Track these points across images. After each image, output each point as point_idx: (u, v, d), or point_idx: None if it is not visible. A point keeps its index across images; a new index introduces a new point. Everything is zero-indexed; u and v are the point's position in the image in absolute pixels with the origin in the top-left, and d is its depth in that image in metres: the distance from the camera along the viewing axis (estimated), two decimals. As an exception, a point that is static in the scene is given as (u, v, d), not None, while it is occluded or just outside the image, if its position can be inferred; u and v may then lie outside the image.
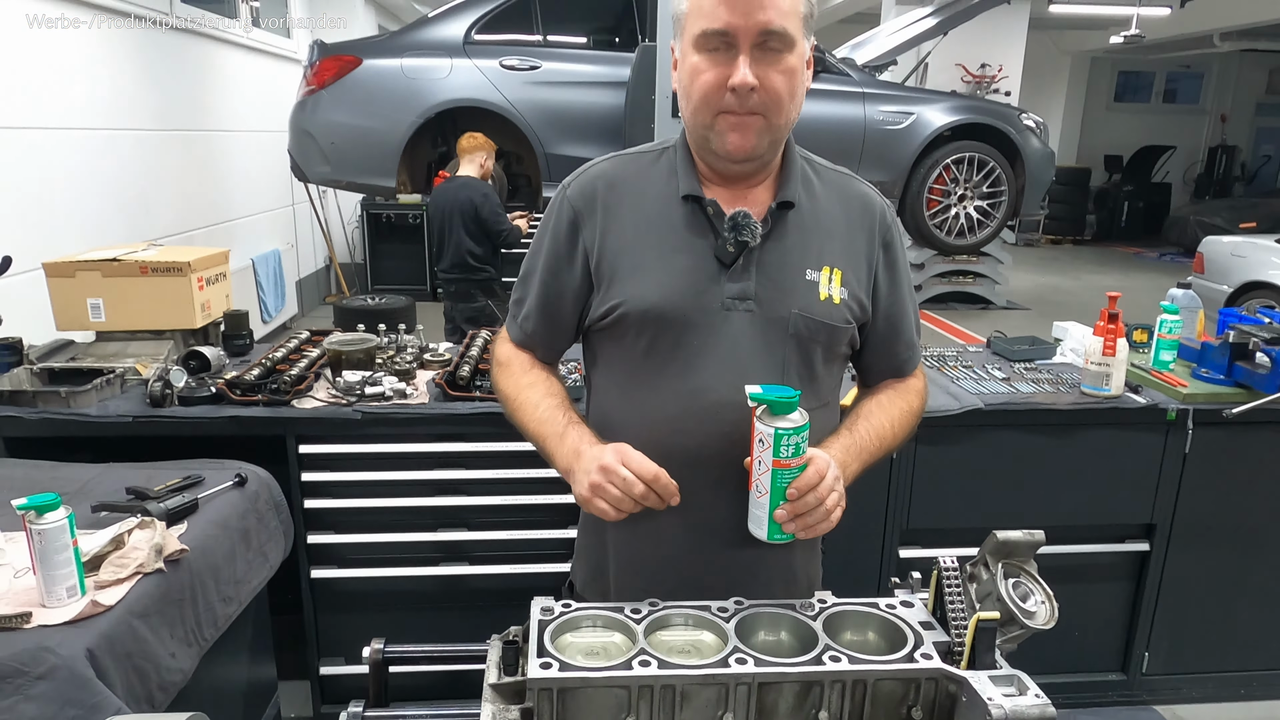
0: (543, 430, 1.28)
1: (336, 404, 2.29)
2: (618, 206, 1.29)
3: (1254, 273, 6.57)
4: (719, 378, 1.23)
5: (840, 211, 1.32)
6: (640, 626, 1.04)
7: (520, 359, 1.39)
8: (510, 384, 1.37)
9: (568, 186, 1.34)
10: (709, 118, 1.21)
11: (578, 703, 0.96)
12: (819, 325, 1.26)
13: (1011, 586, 1.06)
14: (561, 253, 1.31)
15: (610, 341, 1.30)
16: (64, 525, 1.46)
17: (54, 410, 2.20)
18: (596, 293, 1.29)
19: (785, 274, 1.26)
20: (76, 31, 4.27)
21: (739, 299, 1.24)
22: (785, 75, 1.19)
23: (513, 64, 4.79)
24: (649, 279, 1.25)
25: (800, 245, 1.27)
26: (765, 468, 1.11)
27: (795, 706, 0.99)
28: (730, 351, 1.24)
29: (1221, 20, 10.52)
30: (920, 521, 2.50)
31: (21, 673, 1.33)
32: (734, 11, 1.15)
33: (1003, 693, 0.95)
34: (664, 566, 1.28)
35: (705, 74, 1.18)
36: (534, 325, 1.37)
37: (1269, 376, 2.38)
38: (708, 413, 1.23)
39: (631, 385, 1.29)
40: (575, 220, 1.30)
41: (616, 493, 1.13)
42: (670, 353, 1.25)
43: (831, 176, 1.35)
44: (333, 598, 2.44)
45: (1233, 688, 2.74)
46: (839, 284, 1.27)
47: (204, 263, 2.63)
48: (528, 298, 1.37)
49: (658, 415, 1.26)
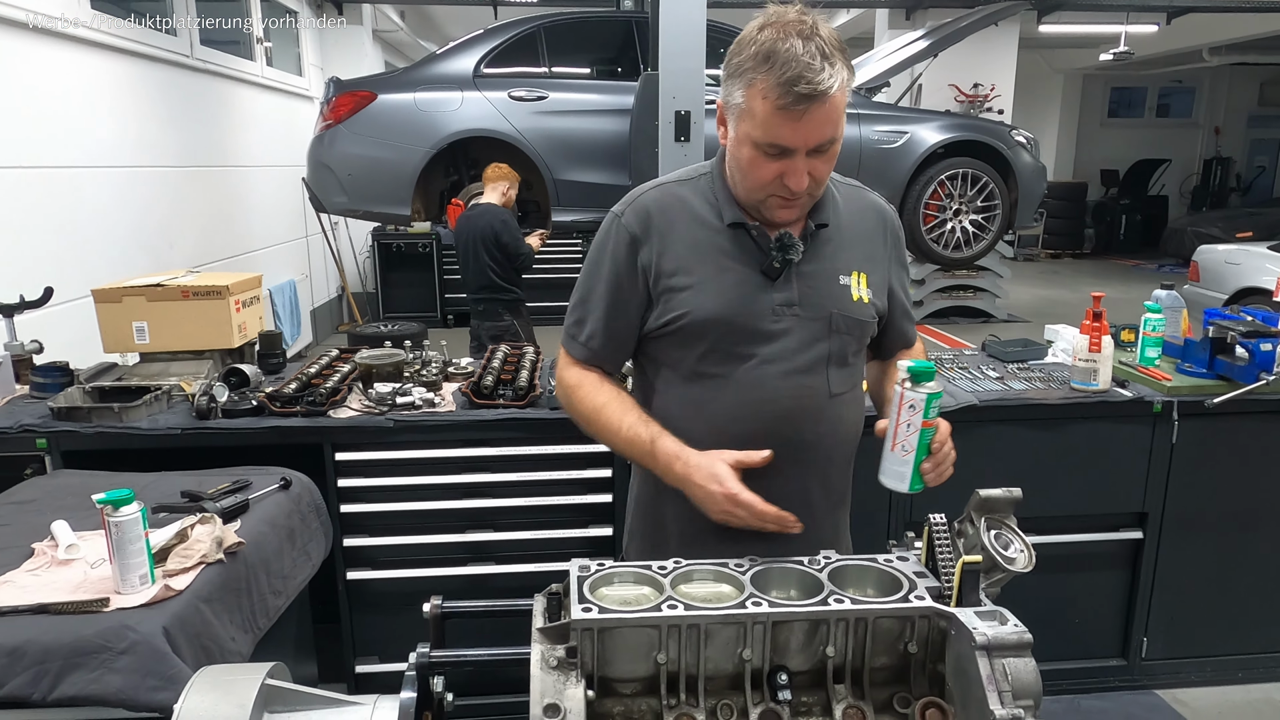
0: (633, 447, 1.44)
1: (370, 413, 2.44)
2: (669, 230, 1.46)
3: (1248, 279, 6.71)
4: (771, 373, 1.43)
5: (859, 222, 1.52)
6: (667, 580, 1.18)
7: (590, 379, 1.51)
8: (587, 405, 1.49)
9: (621, 214, 1.49)
10: (761, 196, 1.40)
11: (614, 641, 1.10)
12: (854, 322, 1.47)
13: (994, 537, 1.20)
14: (623, 271, 1.47)
15: (674, 347, 1.47)
16: (138, 518, 1.61)
17: (108, 424, 2.36)
18: (655, 305, 1.46)
19: (822, 282, 1.45)
20: (104, 74, 4.50)
21: (785, 305, 1.43)
22: (830, 161, 1.37)
23: (521, 95, 5.00)
24: (707, 292, 1.42)
25: (832, 256, 1.47)
26: (914, 429, 1.30)
27: (805, 643, 1.13)
28: (780, 350, 1.43)
29: (1209, 36, 10.76)
30: (922, 514, 2.62)
31: (106, 648, 1.47)
32: (795, 135, 1.30)
33: (986, 625, 1.08)
34: (722, 542, 1.41)
35: (762, 170, 1.35)
36: (600, 342, 1.50)
37: (1247, 368, 2.51)
38: (763, 402, 1.43)
39: (692, 383, 1.47)
40: (633, 242, 1.46)
41: (746, 519, 1.34)
42: (728, 354, 1.43)
43: (847, 190, 1.55)
44: (367, 599, 2.57)
45: (1230, 670, 2.85)
46: (865, 285, 1.48)
47: (240, 286, 2.79)
48: (588, 318, 1.51)
49: (717, 408, 1.44)
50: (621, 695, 1.12)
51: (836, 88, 1.27)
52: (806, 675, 1.14)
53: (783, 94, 1.26)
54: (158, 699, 1.45)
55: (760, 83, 1.29)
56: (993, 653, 1.04)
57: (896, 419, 1.31)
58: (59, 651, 1.46)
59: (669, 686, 1.11)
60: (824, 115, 1.29)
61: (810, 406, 1.45)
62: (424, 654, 1.12)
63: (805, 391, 1.45)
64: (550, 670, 1.07)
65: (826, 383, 1.47)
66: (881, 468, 1.35)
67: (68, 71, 4.17)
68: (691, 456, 1.37)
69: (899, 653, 1.15)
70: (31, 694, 1.44)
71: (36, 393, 2.59)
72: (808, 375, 1.45)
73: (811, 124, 1.29)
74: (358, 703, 1.10)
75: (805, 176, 1.34)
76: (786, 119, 1.28)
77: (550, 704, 1.03)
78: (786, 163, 1.33)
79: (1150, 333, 2.79)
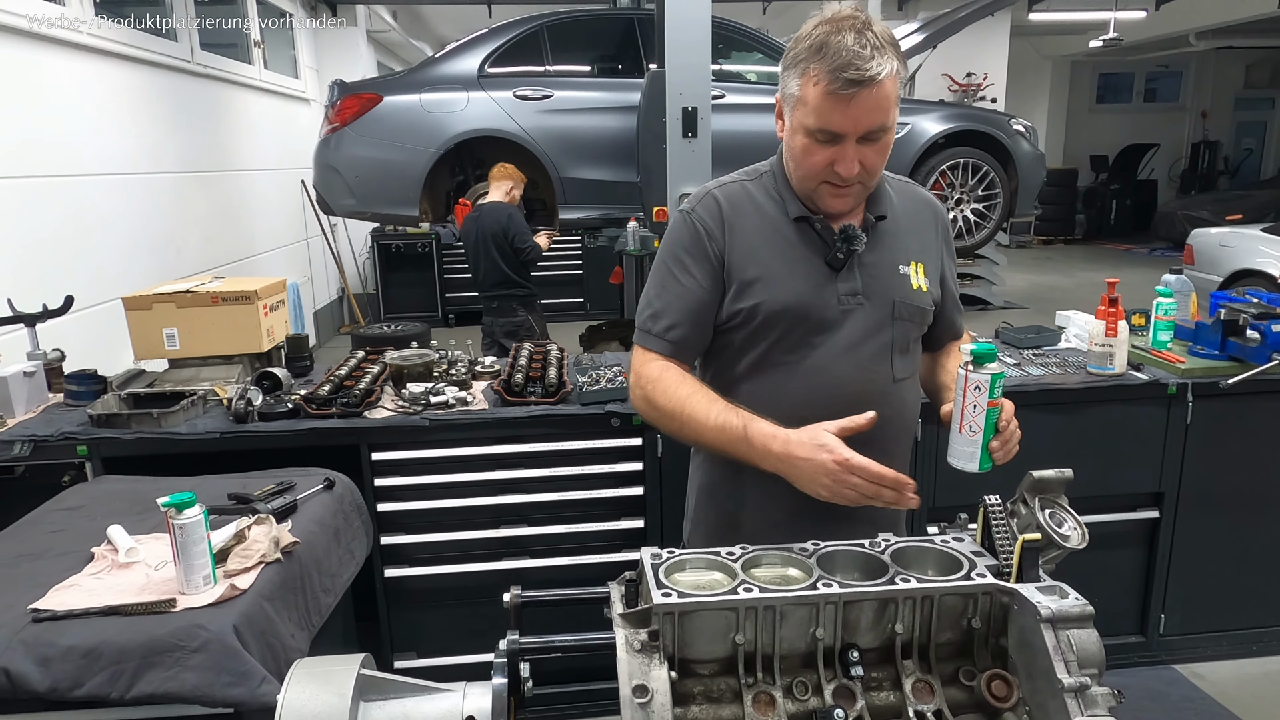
0: (724, 434, 1.41)
1: (404, 413, 2.48)
2: (738, 223, 1.51)
3: (1242, 261, 6.80)
4: (839, 359, 1.48)
5: (913, 215, 1.59)
6: (737, 565, 1.23)
7: (672, 372, 1.51)
8: (670, 398, 1.47)
9: (691, 211, 1.54)
10: (814, 184, 1.45)
11: (694, 624, 1.14)
12: (915, 309, 1.53)
13: (1049, 516, 1.26)
14: (699, 262, 1.51)
15: (746, 335, 1.51)
16: (200, 520, 1.65)
17: (147, 430, 2.39)
18: (728, 294, 1.50)
19: (884, 272, 1.51)
20: (110, 81, 4.50)
21: (850, 295, 1.49)
22: (882, 151, 1.42)
23: (526, 94, 5.03)
24: (779, 283, 1.48)
25: (891, 247, 1.53)
26: (980, 409, 1.34)
27: (874, 621, 1.18)
28: (847, 337, 1.49)
29: (1196, 20, 10.85)
30: (946, 499, 2.68)
31: (179, 647, 1.52)
32: (845, 119, 1.36)
33: (1049, 599, 1.13)
34: (796, 520, 1.46)
35: (814, 156, 1.41)
36: (683, 332, 1.52)
37: (1259, 349, 2.58)
38: (831, 387, 1.48)
39: (764, 368, 1.52)
40: (708, 235, 1.51)
41: (860, 486, 1.32)
42: (798, 342, 1.49)
43: (899, 185, 1.62)
44: (404, 595, 2.61)
45: (1246, 645, 2.92)
46: (923, 275, 1.55)
47: (267, 291, 2.83)
48: (666, 312, 1.53)
49: (787, 394, 1.49)
50: (701, 676, 1.17)
51: (885, 74, 1.33)
52: (876, 652, 1.19)
53: (833, 79, 1.32)
54: (233, 694, 1.50)
55: (813, 71, 1.35)
56: (1057, 625, 1.09)
57: (963, 401, 1.35)
58: (134, 651, 1.50)
59: (746, 666, 1.15)
60: (874, 101, 1.34)
61: (876, 391, 1.50)
62: (514, 641, 1.16)
63: (871, 376, 1.50)
64: (635, 653, 1.12)
65: (890, 368, 1.52)
66: (950, 450, 1.40)
67: (75, 79, 4.18)
68: (791, 434, 1.35)
69: (963, 629, 1.20)
70: (109, 693, 1.48)
71: (70, 401, 2.61)
72: (873, 361, 1.50)
73: (861, 109, 1.34)
74: (448, 689, 1.14)
75: (855, 163, 1.39)
76: (837, 104, 1.34)
77: (639, 685, 1.08)
78: (837, 149, 1.39)
79: (1162, 316, 2.85)
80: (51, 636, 1.52)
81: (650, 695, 1.08)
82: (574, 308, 8.95)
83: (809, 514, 1.46)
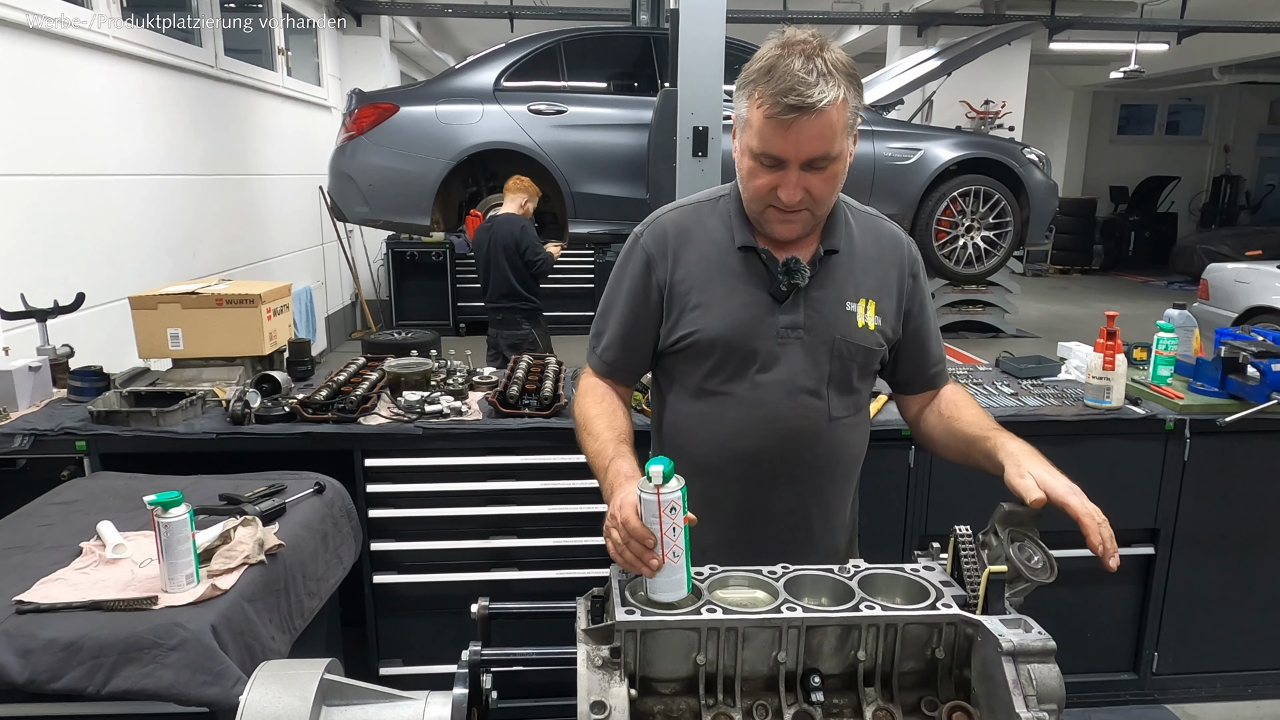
0: (597, 460, 1.43)
1: (399, 420, 2.50)
2: (684, 251, 1.52)
3: (1258, 298, 6.73)
4: (774, 392, 1.48)
5: (874, 250, 1.55)
6: (704, 584, 1.24)
7: (597, 389, 1.57)
8: (580, 414, 1.54)
9: (640, 235, 1.56)
10: (760, 208, 1.45)
11: (656, 642, 1.15)
12: (857, 348, 1.51)
13: (1017, 549, 1.26)
14: (639, 289, 1.54)
15: (683, 363, 1.53)
16: (185, 519, 1.67)
17: (146, 428, 2.43)
18: (667, 322, 1.52)
19: (829, 307, 1.49)
20: (135, 84, 4.59)
21: (791, 328, 1.48)
22: (829, 180, 1.40)
23: (541, 109, 5.09)
24: (717, 312, 1.48)
25: (840, 282, 1.51)
26: (679, 530, 1.16)
27: (837, 648, 1.18)
28: (784, 371, 1.48)
29: (1219, 55, 10.82)
30: (936, 528, 2.67)
31: (157, 644, 1.53)
32: (786, 145, 1.35)
33: (1011, 632, 1.13)
34: (726, 549, 1.45)
35: (758, 180, 1.41)
36: (615, 354, 1.57)
37: (1258, 387, 2.56)
38: (767, 420, 1.48)
39: (700, 399, 1.52)
40: (650, 262, 1.53)
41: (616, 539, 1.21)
42: (734, 372, 1.49)
43: (864, 219, 1.58)
44: (392, 602, 2.63)
45: (1240, 686, 2.88)
46: (873, 313, 1.51)
47: (271, 295, 2.87)
48: (606, 331, 1.58)
49: (721, 423, 1.50)
50: (661, 694, 1.17)
51: (827, 103, 1.31)
52: (838, 678, 1.19)
53: (774, 104, 1.32)
54: (207, 694, 1.51)
55: (758, 94, 1.35)
56: (1018, 658, 1.09)
57: (660, 527, 1.16)
58: (113, 646, 1.52)
59: (707, 687, 1.16)
60: (815, 129, 1.32)
61: (810, 428, 1.50)
62: (476, 652, 1.17)
63: (806, 412, 1.49)
64: (595, 669, 1.13)
65: (827, 406, 1.51)
66: (651, 586, 1.18)
67: (101, 81, 4.27)
68: (622, 486, 1.27)
69: (926, 658, 1.20)
70: (86, 687, 1.50)
71: (74, 396, 2.65)
72: (809, 397, 1.49)
73: (801, 136, 1.33)
74: (410, 698, 1.15)
75: (799, 190, 1.38)
76: (778, 129, 1.33)
77: (596, 701, 1.09)
78: (780, 175, 1.38)
79: (1163, 351, 2.83)
80: (33, 629, 1.54)
81: (608, 712, 1.08)
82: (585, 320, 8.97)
83: (737, 543, 1.49)
